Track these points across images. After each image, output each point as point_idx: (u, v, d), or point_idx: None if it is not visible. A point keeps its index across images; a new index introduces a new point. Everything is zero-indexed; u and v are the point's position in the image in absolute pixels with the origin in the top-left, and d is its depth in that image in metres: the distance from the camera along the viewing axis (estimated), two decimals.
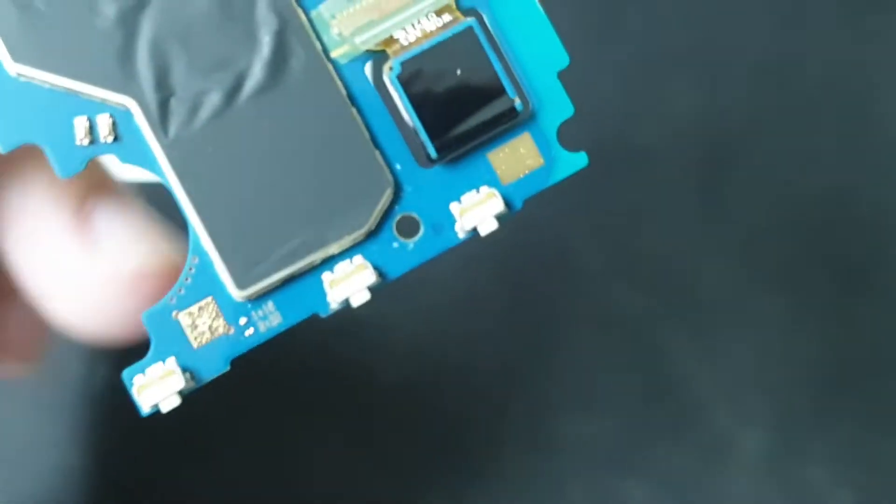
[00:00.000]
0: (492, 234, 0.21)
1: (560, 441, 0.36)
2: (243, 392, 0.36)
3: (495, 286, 0.37)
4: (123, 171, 0.21)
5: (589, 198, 0.36)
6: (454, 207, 0.21)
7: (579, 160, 0.21)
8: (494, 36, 0.21)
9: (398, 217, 0.21)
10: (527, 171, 0.21)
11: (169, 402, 0.20)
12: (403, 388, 0.36)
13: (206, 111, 0.20)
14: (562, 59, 0.21)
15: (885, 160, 0.37)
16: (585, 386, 0.36)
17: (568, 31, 0.22)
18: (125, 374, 0.20)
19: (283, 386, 0.36)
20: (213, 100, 0.20)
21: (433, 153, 0.20)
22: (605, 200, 0.37)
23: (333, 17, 0.21)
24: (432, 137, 0.20)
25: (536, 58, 0.21)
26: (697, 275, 0.37)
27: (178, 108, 0.20)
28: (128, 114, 0.21)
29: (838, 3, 0.37)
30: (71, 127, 0.20)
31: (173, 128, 0.20)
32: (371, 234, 0.21)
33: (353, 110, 0.21)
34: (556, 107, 0.21)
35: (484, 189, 0.21)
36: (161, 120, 0.20)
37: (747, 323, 0.36)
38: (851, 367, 0.36)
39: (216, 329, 0.21)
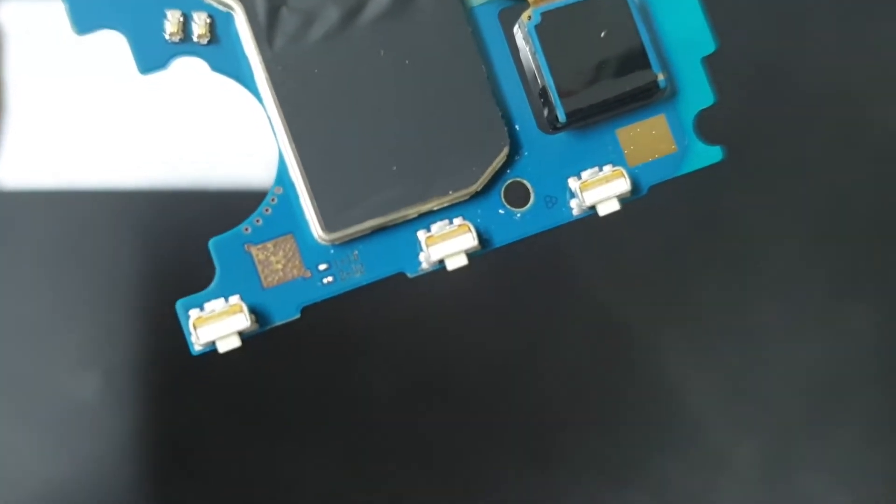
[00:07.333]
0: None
1: (557, 453, 0.36)
2: (235, 398, 0.35)
3: (492, 296, 0.36)
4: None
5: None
6: (572, 182, 0.20)
7: (713, 154, 0.20)
8: (644, 5, 0.20)
9: (509, 182, 0.20)
10: (656, 156, 0.20)
11: (228, 343, 0.18)
12: (397, 398, 0.36)
13: (319, 28, 0.19)
14: (708, 44, 0.21)
15: (882, 166, 0.38)
16: (582, 398, 0.36)
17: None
18: (179, 304, 0.19)
19: (276, 391, 0.36)
20: (330, 17, 0.19)
21: (562, 117, 0.19)
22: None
23: None
24: (564, 100, 0.19)
25: (682, 38, 0.20)
26: (694, 284, 0.37)
27: (288, 20, 0.19)
28: (229, 16, 0.20)
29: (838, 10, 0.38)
30: (162, 19, 0.19)
31: (280, 40, 0.19)
32: (476, 196, 0.20)
33: (480, 57, 0.20)
34: (697, 93, 0.20)
35: (608, 167, 0.20)
36: (268, 29, 0.19)
37: (743, 333, 0.37)
38: (846, 376, 0.37)
39: (291, 270, 0.19)
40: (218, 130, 0.34)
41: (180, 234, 0.34)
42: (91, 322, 0.35)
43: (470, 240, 0.19)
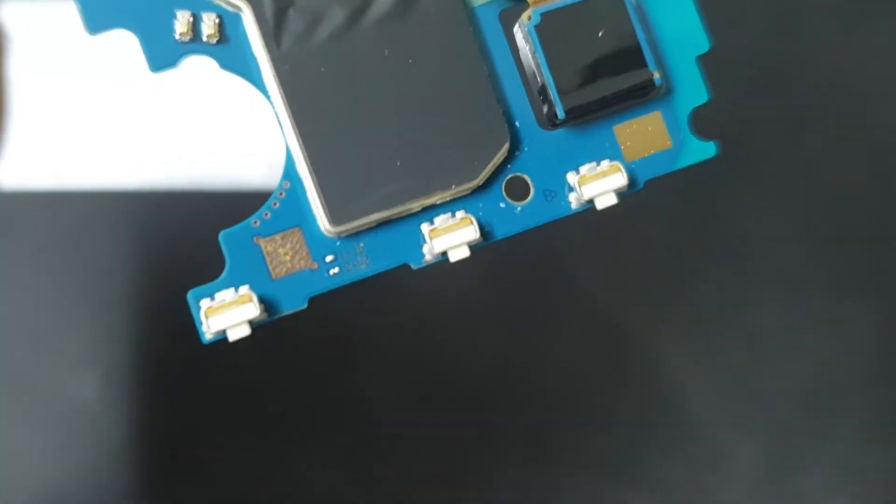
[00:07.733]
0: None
1: (556, 452, 0.37)
2: (236, 398, 0.36)
3: (491, 296, 0.37)
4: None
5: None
6: (571, 176, 0.21)
7: (707, 149, 0.21)
8: (641, 6, 0.21)
9: (509, 176, 0.21)
10: (652, 151, 0.21)
11: (238, 331, 0.19)
12: (397, 397, 0.36)
13: (325, 28, 0.20)
14: (702, 43, 0.21)
15: (881, 165, 0.39)
16: (582, 397, 0.37)
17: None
18: (191, 294, 0.20)
19: (271, 393, 0.36)
20: (336, 18, 0.20)
21: (561, 114, 0.20)
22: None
23: None
24: (562, 97, 0.20)
25: (677, 37, 0.21)
26: (694, 285, 0.38)
27: (295, 20, 0.20)
28: (238, 17, 0.20)
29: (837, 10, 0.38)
30: (172, 19, 0.20)
31: (287, 40, 0.20)
32: (478, 190, 0.21)
33: (481, 56, 0.21)
34: (692, 90, 0.21)
35: (605, 162, 0.21)
36: (275, 30, 0.20)
37: (743, 333, 0.38)
38: (846, 377, 0.38)
39: (299, 262, 0.20)
40: (226, 127, 0.35)
41: (188, 229, 0.35)
42: (91, 322, 0.36)
43: (472, 232, 0.20)
